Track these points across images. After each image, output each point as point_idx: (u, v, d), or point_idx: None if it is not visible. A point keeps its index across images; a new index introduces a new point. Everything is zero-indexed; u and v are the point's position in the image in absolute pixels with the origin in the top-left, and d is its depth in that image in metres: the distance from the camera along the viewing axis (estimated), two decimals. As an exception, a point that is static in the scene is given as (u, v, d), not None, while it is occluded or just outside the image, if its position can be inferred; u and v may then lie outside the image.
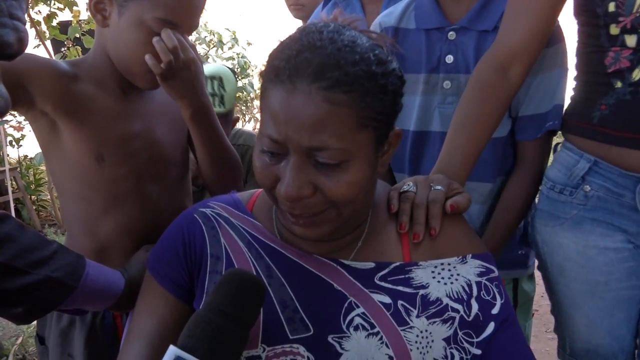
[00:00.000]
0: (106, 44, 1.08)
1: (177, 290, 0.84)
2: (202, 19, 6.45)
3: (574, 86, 1.16)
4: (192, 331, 0.64)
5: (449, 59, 1.25)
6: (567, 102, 1.22)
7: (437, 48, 1.26)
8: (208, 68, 1.66)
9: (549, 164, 1.22)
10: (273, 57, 0.71)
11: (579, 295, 1.11)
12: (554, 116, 1.19)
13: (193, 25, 1.09)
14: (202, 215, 0.86)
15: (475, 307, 0.79)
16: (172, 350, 0.63)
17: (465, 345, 0.77)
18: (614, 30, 1.00)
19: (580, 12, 1.08)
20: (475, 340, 0.78)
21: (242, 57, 6.56)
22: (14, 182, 4.95)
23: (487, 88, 1.06)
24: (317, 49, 0.67)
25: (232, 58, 6.86)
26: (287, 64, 0.68)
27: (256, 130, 7.76)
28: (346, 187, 0.70)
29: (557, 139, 1.26)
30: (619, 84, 1.01)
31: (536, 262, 1.38)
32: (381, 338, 0.76)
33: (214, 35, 6.58)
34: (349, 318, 0.77)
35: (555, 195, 1.12)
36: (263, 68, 0.74)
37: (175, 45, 1.01)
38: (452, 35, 1.25)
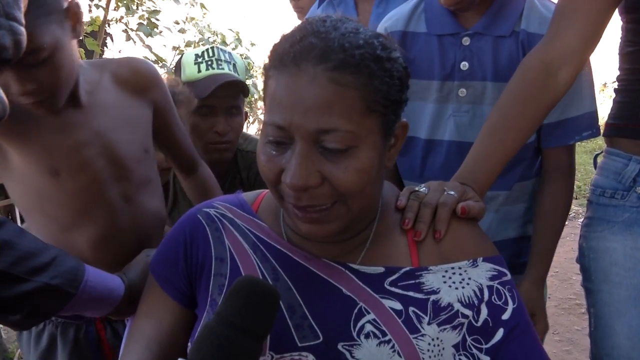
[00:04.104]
0: None
1: (178, 294, 0.82)
2: (205, 20, 6.42)
3: (614, 88, 1.12)
4: (200, 344, 0.62)
5: (464, 65, 1.21)
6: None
7: (450, 54, 1.22)
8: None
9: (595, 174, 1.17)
10: (276, 46, 0.71)
11: (622, 303, 1.05)
12: (590, 124, 1.17)
13: None
14: (205, 216, 0.84)
15: (484, 312, 0.76)
16: None
17: (474, 351, 0.75)
18: None
19: (635, 7, 1.02)
20: (484, 346, 0.75)
21: (246, 58, 6.52)
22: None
23: (533, 89, 1.00)
24: (321, 34, 0.67)
25: (235, 59, 6.81)
26: (291, 48, 0.67)
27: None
28: (354, 174, 0.68)
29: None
30: None
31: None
32: (393, 346, 0.73)
33: (217, 35, 6.54)
34: (359, 325, 0.74)
35: (607, 201, 1.09)
36: (267, 61, 0.73)
37: None
38: (466, 40, 1.21)
